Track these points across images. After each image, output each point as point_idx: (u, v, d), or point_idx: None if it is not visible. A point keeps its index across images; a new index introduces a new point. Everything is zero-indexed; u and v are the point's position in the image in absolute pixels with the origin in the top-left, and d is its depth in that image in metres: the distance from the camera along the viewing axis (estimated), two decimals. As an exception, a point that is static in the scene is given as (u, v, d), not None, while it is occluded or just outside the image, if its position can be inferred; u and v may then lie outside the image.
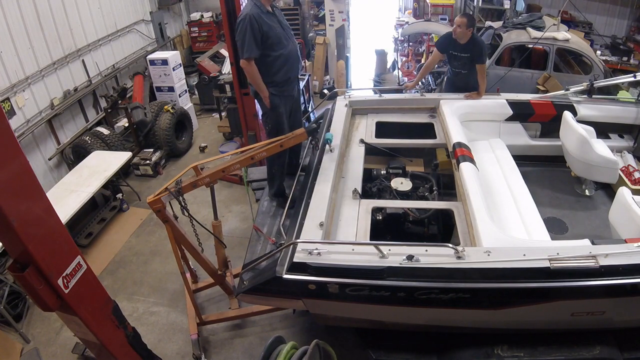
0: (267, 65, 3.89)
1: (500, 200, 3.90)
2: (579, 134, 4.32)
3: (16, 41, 6.01)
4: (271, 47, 3.83)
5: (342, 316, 3.35)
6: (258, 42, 3.75)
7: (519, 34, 6.83)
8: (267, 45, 3.81)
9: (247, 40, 3.70)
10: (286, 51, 3.93)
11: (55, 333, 4.55)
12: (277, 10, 4.01)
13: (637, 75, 4.75)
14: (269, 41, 3.80)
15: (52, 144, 6.71)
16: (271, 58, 3.88)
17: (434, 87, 6.95)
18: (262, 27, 3.72)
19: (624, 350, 3.13)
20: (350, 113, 4.83)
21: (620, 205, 3.56)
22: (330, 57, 9.86)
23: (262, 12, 3.77)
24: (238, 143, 7.20)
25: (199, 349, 4.11)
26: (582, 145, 4.32)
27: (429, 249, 2.87)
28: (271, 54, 3.86)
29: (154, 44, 9.32)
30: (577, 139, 4.35)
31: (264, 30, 3.74)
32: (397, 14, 10.83)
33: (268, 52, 3.84)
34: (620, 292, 2.77)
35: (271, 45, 3.82)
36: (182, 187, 3.57)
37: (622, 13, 8.90)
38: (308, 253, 2.87)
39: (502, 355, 3.07)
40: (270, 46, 3.83)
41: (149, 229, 6.00)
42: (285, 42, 3.92)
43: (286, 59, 3.94)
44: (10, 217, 2.17)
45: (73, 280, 2.58)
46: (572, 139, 4.45)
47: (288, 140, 3.83)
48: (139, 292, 5.03)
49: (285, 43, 3.92)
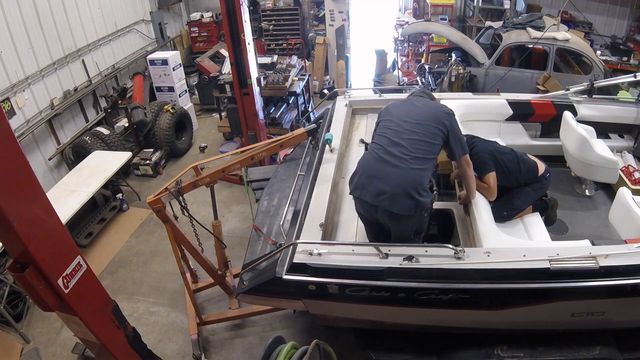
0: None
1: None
2: (579, 134, 4.32)
3: (16, 41, 6.01)
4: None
5: (342, 316, 3.35)
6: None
7: (519, 34, 6.82)
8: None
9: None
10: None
11: (55, 333, 4.55)
12: None
13: (637, 75, 4.74)
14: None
15: (52, 144, 6.72)
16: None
17: (433, 87, 6.95)
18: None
19: (624, 350, 3.13)
20: (350, 113, 4.83)
21: (620, 205, 3.56)
22: (330, 57, 9.87)
23: None
24: (238, 143, 7.20)
25: (199, 349, 4.11)
26: (582, 145, 4.32)
27: (428, 250, 2.87)
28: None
29: (154, 44, 9.32)
30: (577, 139, 4.35)
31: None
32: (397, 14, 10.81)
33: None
34: (620, 293, 2.77)
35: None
36: (182, 187, 3.57)
37: (622, 13, 8.89)
38: (308, 254, 2.87)
39: (502, 355, 3.07)
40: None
41: (149, 229, 6.00)
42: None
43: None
44: (10, 217, 2.17)
45: (73, 281, 2.58)
46: (572, 139, 4.45)
47: (288, 140, 3.83)
48: (139, 292, 5.03)
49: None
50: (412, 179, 2.84)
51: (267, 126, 6.89)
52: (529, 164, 3.70)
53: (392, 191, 2.82)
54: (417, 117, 3.09)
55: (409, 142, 2.94)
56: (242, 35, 5.36)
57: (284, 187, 4.13)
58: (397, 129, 3.04)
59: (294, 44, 9.86)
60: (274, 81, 7.33)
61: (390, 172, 2.87)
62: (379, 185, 2.87)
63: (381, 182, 2.86)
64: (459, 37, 7.34)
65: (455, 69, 6.59)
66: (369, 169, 2.96)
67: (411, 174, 2.85)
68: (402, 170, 2.86)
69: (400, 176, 2.84)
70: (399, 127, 3.04)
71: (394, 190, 2.82)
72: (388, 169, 2.88)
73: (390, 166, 2.88)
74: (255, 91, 5.87)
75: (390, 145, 2.97)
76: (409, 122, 3.05)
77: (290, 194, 3.71)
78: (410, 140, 2.95)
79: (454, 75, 6.57)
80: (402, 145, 2.94)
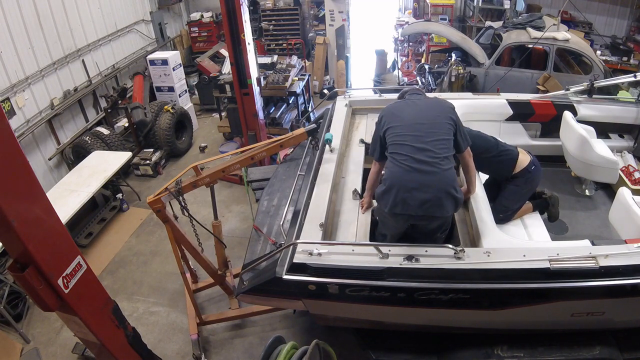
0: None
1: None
2: (579, 134, 4.32)
3: (16, 41, 6.01)
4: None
5: (342, 316, 3.35)
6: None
7: (519, 34, 6.82)
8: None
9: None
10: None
11: (55, 333, 4.55)
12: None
13: (637, 75, 4.74)
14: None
15: (52, 144, 6.72)
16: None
17: (433, 87, 6.95)
18: None
19: (624, 350, 3.13)
20: (350, 113, 4.83)
21: (620, 205, 3.56)
22: (330, 57, 9.87)
23: None
24: (238, 143, 7.19)
25: (199, 349, 4.11)
26: (582, 145, 4.32)
27: (428, 250, 2.87)
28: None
29: (154, 44, 9.32)
30: (577, 139, 4.35)
31: None
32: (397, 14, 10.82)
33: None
34: (620, 293, 2.77)
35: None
36: (182, 187, 3.57)
37: (622, 13, 8.89)
38: (308, 254, 2.87)
39: (502, 355, 3.07)
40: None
41: (149, 229, 6.00)
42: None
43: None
44: (10, 217, 2.16)
45: (73, 281, 2.58)
46: (572, 139, 4.45)
47: (288, 140, 3.83)
48: (139, 292, 5.03)
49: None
50: (448, 180, 2.84)
51: (267, 126, 6.89)
52: (507, 148, 3.61)
53: (435, 197, 2.80)
54: (429, 116, 3.06)
55: (433, 144, 2.91)
56: (242, 35, 5.37)
57: (284, 187, 4.12)
58: (415, 133, 2.98)
59: (294, 44, 9.86)
60: (274, 81, 7.33)
61: (426, 180, 2.83)
62: (420, 195, 2.82)
63: (421, 192, 2.82)
64: (459, 37, 7.34)
65: (455, 69, 6.59)
66: (405, 182, 2.87)
67: (446, 175, 2.85)
68: (437, 175, 2.83)
69: (438, 181, 2.82)
70: (417, 132, 2.98)
71: (437, 195, 2.80)
72: (423, 177, 2.84)
73: (423, 174, 2.84)
74: (255, 91, 5.87)
75: (415, 153, 2.90)
76: (424, 124, 3.01)
77: (290, 194, 3.71)
78: (433, 142, 2.92)
79: (454, 75, 6.57)
80: (428, 150, 2.89)
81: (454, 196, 2.83)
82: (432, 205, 2.82)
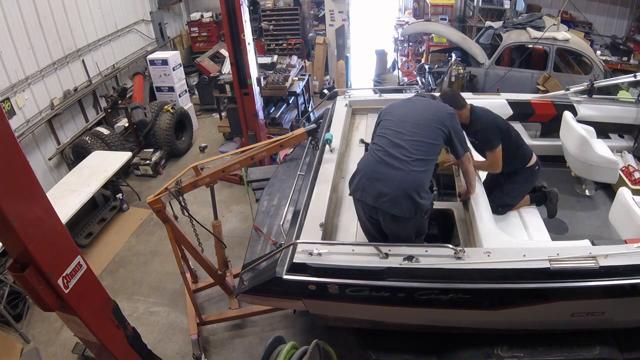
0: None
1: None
2: (579, 134, 4.32)
3: (16, 41, 6.01)
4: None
5: (342, 316, 3.35)
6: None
7: (519, 34, 6.82)
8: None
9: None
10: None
11: (55, 333, 4.55)
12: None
13: (637, 75, 4.75)
14: None
15: (52, 144, 6.71)
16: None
17: (433, 87, 6.95)
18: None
19: (624, 350, 3.13)
20: (350, 113, 4.83)
21: (620, 205, 3.56)
22: (330, 57, 9.86)
23: None
24: (238, 143, 7.19)
25: (199, 349, 4.11)
26: (582, 145, 4.32)
27: (428, 250, 2.87)
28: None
29: (154, 44, 9.32)
30: (577, 139, 4.35)
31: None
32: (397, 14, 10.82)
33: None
34: (620, 293, 2.77)
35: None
36: (182, 187, 3.57)
37: (622, 13, 8.89)
38: (308, 254, 2.87)
39: (502, 355, 3.07)
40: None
41: (149, 229, 6.00)
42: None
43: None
44: (10, 217, 2.17)
45: (73, 281, 2.58)
46: (572, 139, 4.45)
47: (288, 140, 3.83)
48: (139, 292, 5.03)
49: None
50: (413, 181, 2.83)
51: (267, 126, 6.89)
52: (525, 148, 3.71)
53: (393, 193, 2.81)
54: (419, 117, 3.06)
55: (410, 144, 2.92)
56: (242, 35, 5.36)
57: (284, 187, 4.12)
58: (397, 129, 3.01)
59: (294, 44, 9.86)
60: (274, 81, 7.33)
61: (391, 174, 2.84)
62: (379, 187, 2.85)
63: (382, 184, 2.84)
64: (459, 37, 7.34)
65: (455, 69, 6.59)
66: (370, 171, 2.94)
67: (412, 176, 2.83)
68: (403, 173, 2.84)
69: (401, 178, 2.82)
70: (400, 128, 3.01)
71: (394, 192, 2.81)
72: (389, 171, 2.86)
73: (391, 168, 2.86)
74: (255, 91, 5.87)
75: (390, 147, 2.94)
76: (410, 123, 3.03)
77: (290, 194, 3.71)
78: (411, 142, 2.93)
79: (454, 75, 6.57)
80: (403, 147, 2.91)
81: (414, 199, 2.80)
82: (387, 201, 2.82)
